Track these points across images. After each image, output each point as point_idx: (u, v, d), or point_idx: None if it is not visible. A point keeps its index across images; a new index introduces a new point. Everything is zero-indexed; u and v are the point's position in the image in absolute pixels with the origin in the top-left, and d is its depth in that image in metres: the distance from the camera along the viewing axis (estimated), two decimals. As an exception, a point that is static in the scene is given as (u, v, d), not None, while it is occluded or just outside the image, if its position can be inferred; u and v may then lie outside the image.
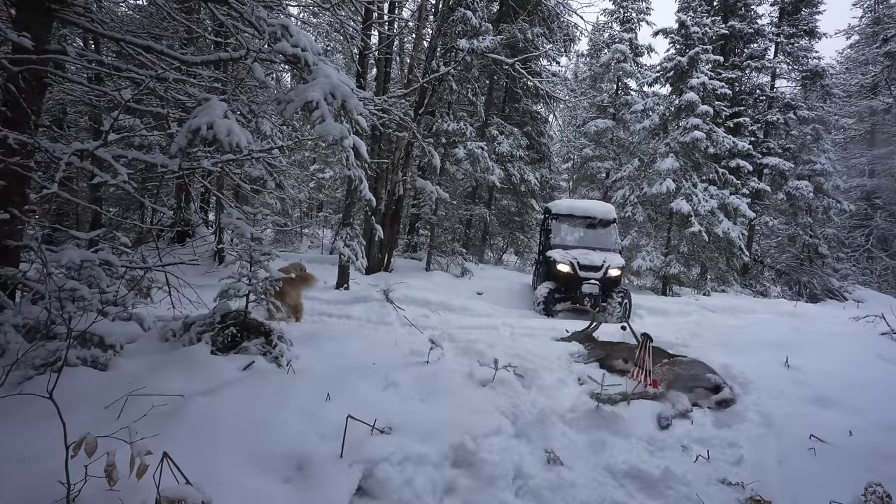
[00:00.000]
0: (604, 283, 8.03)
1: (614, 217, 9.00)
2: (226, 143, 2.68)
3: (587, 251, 8.42)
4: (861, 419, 3.10)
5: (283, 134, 7.47)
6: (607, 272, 8.09)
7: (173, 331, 3.40)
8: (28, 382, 2.50)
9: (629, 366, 4.29)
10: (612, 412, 3.19)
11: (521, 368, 3.69)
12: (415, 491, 2.19)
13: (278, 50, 2.95)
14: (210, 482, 1.76)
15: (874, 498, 2.28)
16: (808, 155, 14.97)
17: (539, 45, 12.43)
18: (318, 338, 4.55)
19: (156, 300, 3.74)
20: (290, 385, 2.87)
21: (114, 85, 5.59)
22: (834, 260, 16.43)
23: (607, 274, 8.09)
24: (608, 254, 8.41)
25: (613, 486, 2.55)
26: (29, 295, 3.06)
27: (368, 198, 5.66)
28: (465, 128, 10.93)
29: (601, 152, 14.73)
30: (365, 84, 9.74)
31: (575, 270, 8.09)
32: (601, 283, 7.98)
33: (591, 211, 9.09)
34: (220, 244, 9.03)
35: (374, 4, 8.99)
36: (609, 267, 8.13)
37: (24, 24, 3.05)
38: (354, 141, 3.25)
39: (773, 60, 15.47)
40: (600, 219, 8.98)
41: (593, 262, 8.15)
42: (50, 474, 1.72)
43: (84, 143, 2.94)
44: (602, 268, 8.10)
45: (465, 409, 2.96)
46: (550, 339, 5.25)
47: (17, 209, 2.88)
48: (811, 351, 4.48)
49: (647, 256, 11.95)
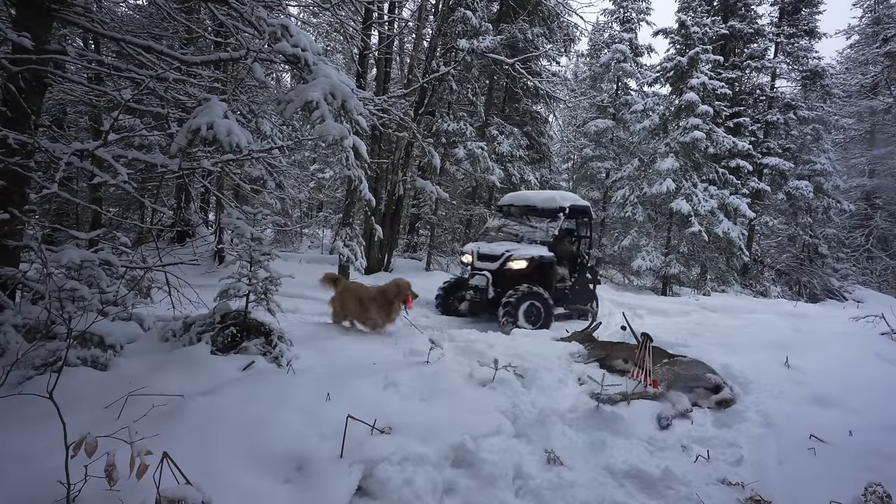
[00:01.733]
0: (500, 277, 6.77)
1: (560, 206, 7.37)
2: (226, 143, 2.68)
3: (505, 242, 7.25)
4: (861, 419, 3.10)
5: (283, 134, 7.49)
6: (505, 264, 6.71)
7: (173, 331, 3.40)
8: (28, 382, 2.50)
9: (629, 366, 4.29)
10: (612, 412, 3.19)
11: (521, 368, 3.69)
12: (415, 491, 2.19)
13: (278, 50, 2.95)
14: (210, 482, 1.76)
15: (874, 498, 2.28)
16: (808, 155, 14.98)
17: (539, 45, 12.43)
18: (318, 338, 4.55)
19: (156, 300, 3.74)
20: (290, 385, 2.87)
21: (114, 85, 5.59)
22: (834, 260, 16.43)
23: (505, 266, 6.71)
24: (532, 246, 7.11)
25: (613, 486, 2.55)
26: (29, 295, 3.05)
27: (368, 198, 5.69)
28: (465, 128, 10.94)
29: (601, 152, 14.72)
30: (365, 84, 9.75)
31: (473, 261, 7.09)
32: (495, 276, 6.77)
33: (530, 200, 7.82)
34: (220, 244, 9.04)
35: (374, 4, 8.99)
36: (510, 258, 6.72)
37: (24, 24, 3.05)
38: (354, 141, 3.25)
39: (773, 60, 15.47)
40: (541, 208, 7.61)
41: (493, 252, 6.91)
42: (50, 474, 1.72)
43: (84, 143, 2.94)
44: (500, 258, 6.77)
45: (465, 409, 2.96)
46: (550, 339, 5.25)
47: (17, 209, 2.88)
48: (811, 351, 4.49)
49: (647, 256, 11.95)
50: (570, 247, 8.08)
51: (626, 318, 5.75)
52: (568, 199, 7.53)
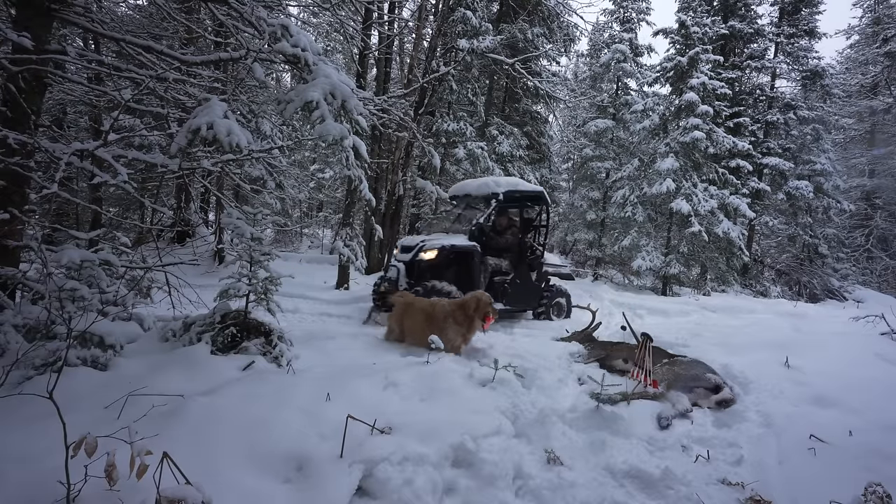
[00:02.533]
0: (413, 268, 6.37)
1: (493, 192, 6.78)
2: (226, 143, 2.68)
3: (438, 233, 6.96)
4: (861, 419, 3.10)
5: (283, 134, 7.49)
6: (417, 255, 6.31)
7: (173, 331, 3.40)
8: (28, 382, 2.50)
9: (629, 366, 4.29)
10: (612, 412, 3.19)
11: (521, 368, 3.70)
12: (415, 491, 2.18)
13: (278, 50, 2.95)
14: (210, 482, 1.76)
15: (874, 498, 2.28)
16: (808, 155, 14.98)
17: (539, 45, 12.44)
18: (318, 338, 4.55)
19: (156, 300, 3.74)
20: (290, 385, 2.87)
21: (114, 85, 5.59)
22: (834, 260, 16.43)
23: (417, 256, 6.29)
24: (454, 236, 6.78)
25: (613, 486, 2.55)
26: (29, 295, 3.05)
27: (368, 198, 5.68)
28: (465, 128, 10.95)
29: (601, 152, 14.71)
30: (365, 84, 9.75)
31: (397, 252, 6.82)
32: (409, 267, 6.39)
33: (467, 188, 7.32)
34: (220, 244, 9.05)
35: (374, 4, 9.00)
36: (422, 248, 6.33)
37: (24, 24, 3.05)
38: (354, 141, 3.25)
39: (773, 60, 15.47)
40: (475, 196, 7.18)
41: (411, 243, 6.58)
42: (50, 474, 1.72)
43: (84, 143, 2.94)
44: (413, 249, 6.42)
45: (465, 409, 2.95)
46: (550, 339, 5.26)
47: (17, 209, 2.88)
48: (811, 351, 4.49)
49: (647, 256, 11.94)
50: (511, 237, 7.26)
51: (626, 318, 5.75)
52: (503, 185, 6.90)
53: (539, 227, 7.64)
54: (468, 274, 6.51)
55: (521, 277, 7.03)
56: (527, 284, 7.13)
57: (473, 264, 6.52)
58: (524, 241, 7.34)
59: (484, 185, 7.03)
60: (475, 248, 6.52)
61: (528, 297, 7.12)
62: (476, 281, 6.48)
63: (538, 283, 7.28)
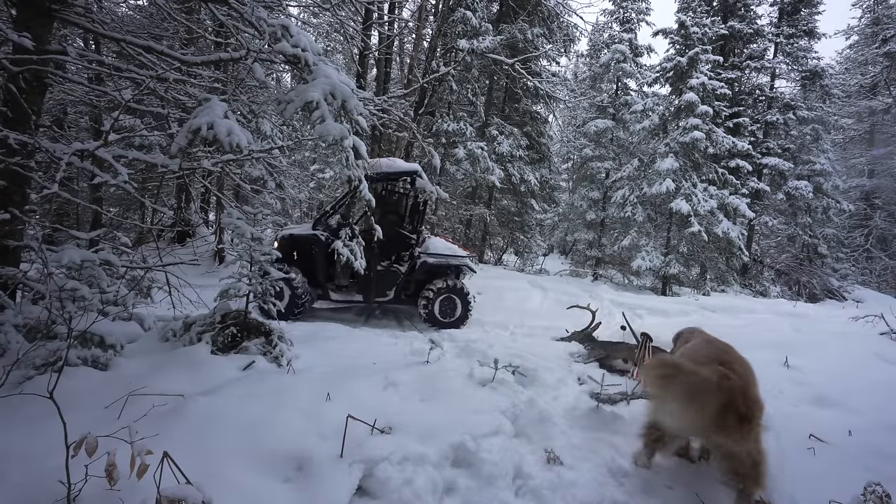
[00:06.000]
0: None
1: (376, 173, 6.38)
2: (226, 143, 2.69)
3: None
4: (860, 419, 3.10)
5: (283, 134, 7.49)
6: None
7: (173, 331, 3.40)
8: (28, 382, 2.50)
9: (629, 366, 4.30)
10: (612, 412, 3.19)
11: (521, 368, 3.70)
12: (415, 491, 2.19)
13: (278, 50, 2.96)
14: (210, 482, 1.76)
15: (874, 498, 2.28)
16: (808, 155, 15.00)
17: (539, 45, 12.44)
18: (318, 338, 4.56)
19: (156, 300, 3.75)
20: (290, 385, 2.87)
21: (114, 85, 5.60)
22: (833, 260, 16.44)
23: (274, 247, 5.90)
24: (306, 224, 6.84)
25: (613, 486, 2.55)
26: (29, 295, 3.05)
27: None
28: (465, 128, 10.94)
29: (601, 152, 14.72)
30: (365, 84, 9.76)
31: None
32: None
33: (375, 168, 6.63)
34: (220, 244, 9.05)
35: (374, 4, 9.01)
36: (276, 239, 6.48)
37: (25, 24, 3.05)
38: (354, 141, 3.26)
39: (773, 61, 15.48)
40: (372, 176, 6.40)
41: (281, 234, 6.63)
42: (50, 474, 1.73)
43: (84, 143, 2.94)
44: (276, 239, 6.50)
45: (465, 409, 2.96)
46: (550, 339, 5.26)
47: (18, 209, 2.88)
48: (811, 351, 4.49)
49: (647, 256, 11.94)
50: (367, 223, 6.46)
51: (626, 318, 5.75)
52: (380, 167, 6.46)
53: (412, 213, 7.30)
54: (310, 262, 6.40)
55: (371, 266, 6.43)
56: (388, 274, 6.65)
57: (314, 254, 6.38)
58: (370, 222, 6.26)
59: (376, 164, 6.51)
60: (314, 236, 6.35)
61: (372, 285, 6.53)
62: (318, 269, 6.37)
63: (395, 271, 6.70)
